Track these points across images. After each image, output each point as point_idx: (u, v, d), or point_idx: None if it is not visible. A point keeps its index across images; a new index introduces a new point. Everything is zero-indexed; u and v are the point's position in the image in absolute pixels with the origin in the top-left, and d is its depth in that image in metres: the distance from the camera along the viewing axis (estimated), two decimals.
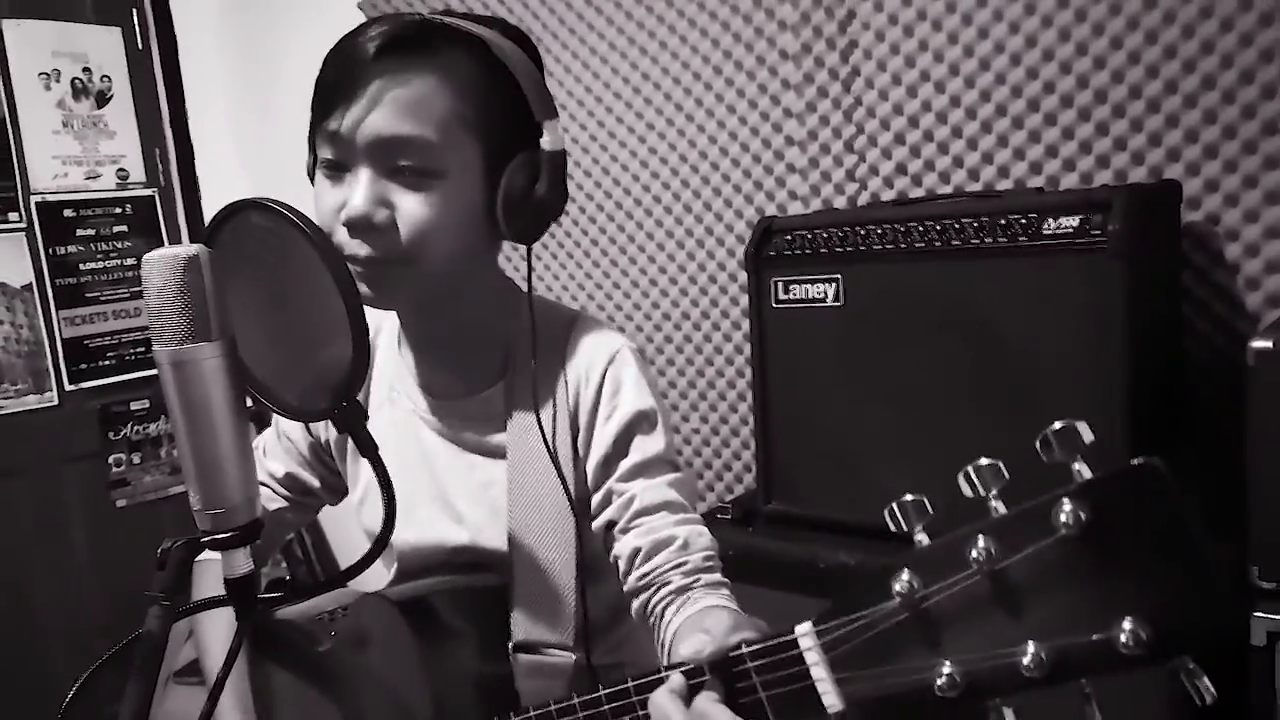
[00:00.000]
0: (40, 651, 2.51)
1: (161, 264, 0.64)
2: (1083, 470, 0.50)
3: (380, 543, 0.73)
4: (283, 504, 1.14)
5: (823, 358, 1.47)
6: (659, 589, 0.92)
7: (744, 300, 1.88)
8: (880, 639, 0.56)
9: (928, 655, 0.54)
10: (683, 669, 0.67)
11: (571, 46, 2.05)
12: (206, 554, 0.69)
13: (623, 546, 0.94)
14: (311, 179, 0.97)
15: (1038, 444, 0.52)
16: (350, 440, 1.06)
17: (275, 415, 1.12)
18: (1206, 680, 0.48)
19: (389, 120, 0.87)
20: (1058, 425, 0.51)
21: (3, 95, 2.49)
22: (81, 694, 0.78)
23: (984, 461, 0.54)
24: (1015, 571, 0.51)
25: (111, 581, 2.63)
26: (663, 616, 0.91)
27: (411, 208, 0.88)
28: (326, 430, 1.11)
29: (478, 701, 0.94)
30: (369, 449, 0.73)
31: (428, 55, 0.88)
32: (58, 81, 2.59)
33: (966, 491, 0.54)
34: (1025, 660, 0.50)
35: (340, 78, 0.88)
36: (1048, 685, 0.51)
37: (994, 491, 0.53)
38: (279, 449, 1.14)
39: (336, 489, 1.17)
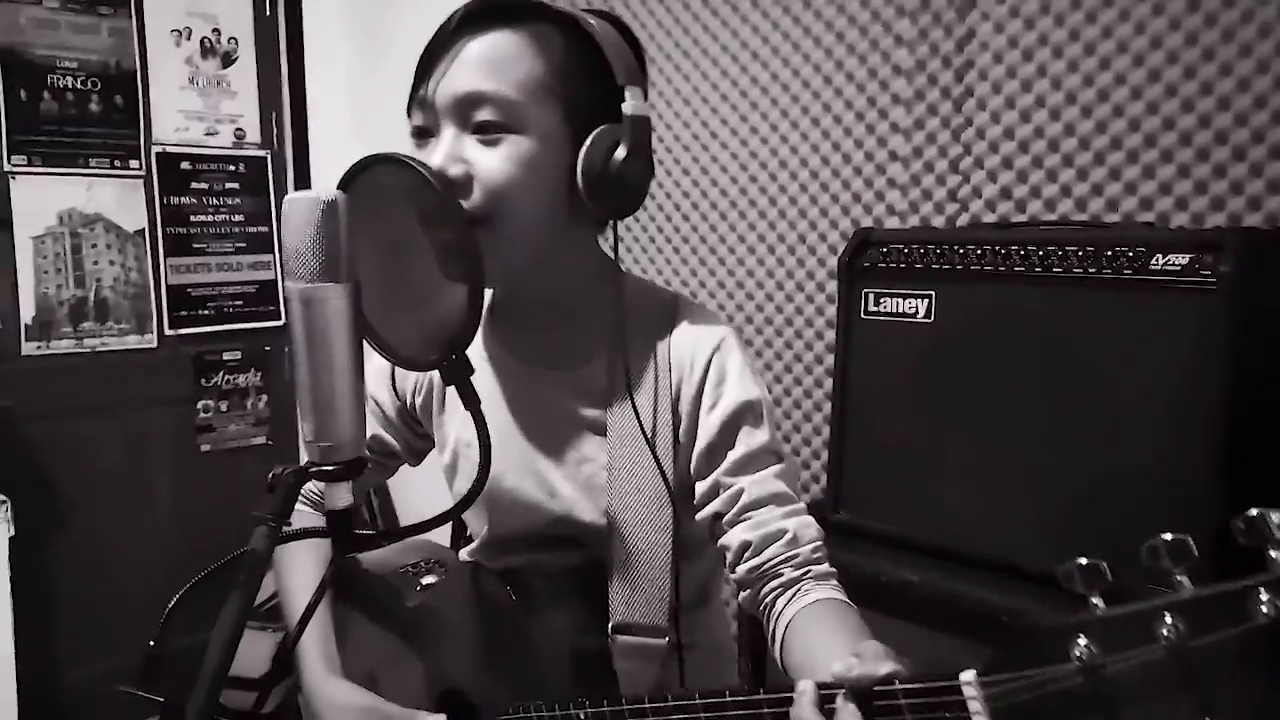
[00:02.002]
0: (116, 582, 2.62)
1: (303, 205, 0.67)
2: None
3: (472, 493, 0.76)
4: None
5: (906, 373, 1.46)
6: (769, 581, 0.93)
7: (829, 310, 1.88)
8: (1050, 699, 0.55)
9: None
10: (823, 688, 0.67)
11: (684, 45, 2.07)
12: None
13: (731, 539, 0.95)
14: None
15: (1235, 524, 0.51)
16: (436, 406, 1.11)
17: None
18: None
19: (469, 77, 0.89)
20: (1254, 511, 0.50)
21: (136, 48, 2.62)
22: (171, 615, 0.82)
23: (1169, 536, 0.53)
24: (1203, 652, 0.51)
25: (188, 521, 2.74)
26: (774, 607, 0.93)
27: (487, 162, 0.89)
28: (415, 396, 1.14)
29: (575, 675, 0.97)
30: (473, 402, 0.76)
31: (513, 21, 0.91)
32: (188, 40, 2.71)
33: (1150, 562, 0.53)
34: None
35: (431, 48, 0.92)
36: None
37: (1181, 567, 0.53)
38: (366, 412, 1.17)
39: (419, 451, 1.20)
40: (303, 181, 2.88)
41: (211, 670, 0.61)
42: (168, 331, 2.72)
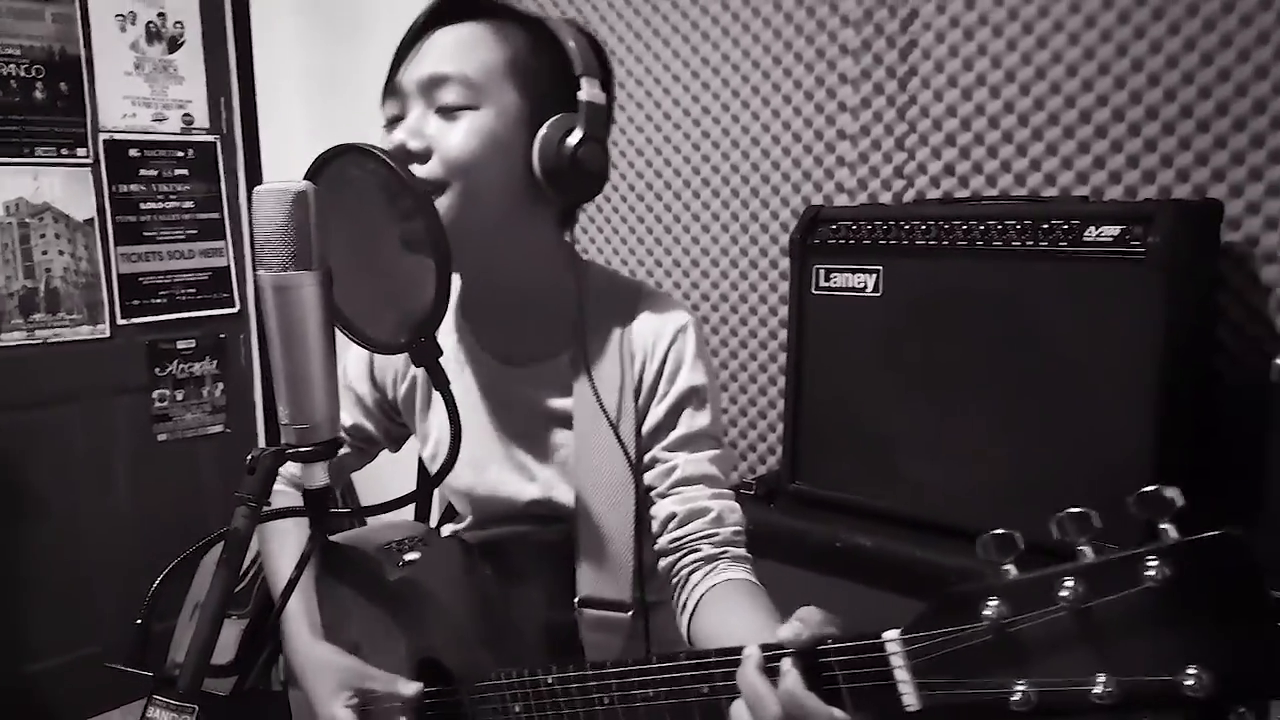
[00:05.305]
0: (77, 573, 2.61)
1: (272, 197, 0.70)
2: (1170, 531, 0.55)
3: (443, 469, 0.79)
4: (347, 450, 1.19)
5: (858, 346, 1.51)
6: (688, 554, 0.98)
7: (782, 286, 1.93)
8: (963, 654, 0.60)
9: (1007, 675, 0.59)
10: (766, 650, 0.70)
11: (635, 27, 2.09)
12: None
13: (659, 510, 1.00)
14: None
15: (1130, 501, 0.55)
16: (420, 402, 1.13)
17: (342, 370, 1.19)
18: None
19: (434, 61, 0.95)
20: (1150, 488, 0.55)
21: (81, 33, 2.57)
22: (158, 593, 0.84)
23: (1075, 510, 0.58)
24: (1098, 612, 0.56)
25: (147, 510, 2.73)
26: (687, 580, 0.98)
27: (444, 134, 0.94)
28: (395, 389, 1.17)
29: (545, 645, 1.01)
30: (442, 384, 0.79)
31: (478, 15, 0.97)
32: (133, 24, 2.68)
33: (1056, 535, 0.58)
34: (1096, 690, 0.55)
35: (403, 42, 0.98)
36: (1112, 713, 0.56)
37: (1084, 537, 0.58)
38: (347, 400, 1.19)
39: (398, 438, 1.23)
40: (253, 167, 2.85)
41: (201, 639, 0.64)
42: (120, 321, 2.70)
